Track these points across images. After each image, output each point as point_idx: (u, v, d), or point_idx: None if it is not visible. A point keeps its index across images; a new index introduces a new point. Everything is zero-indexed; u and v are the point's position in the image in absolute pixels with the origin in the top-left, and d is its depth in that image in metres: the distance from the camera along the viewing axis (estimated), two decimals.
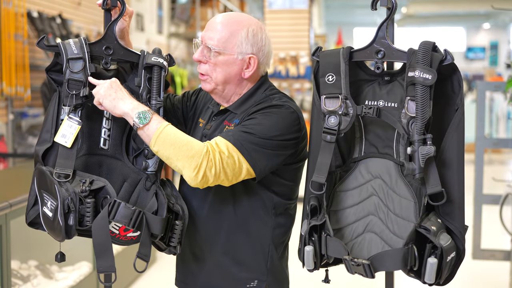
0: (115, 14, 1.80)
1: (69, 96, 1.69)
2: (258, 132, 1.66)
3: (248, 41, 1.73)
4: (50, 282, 3.36)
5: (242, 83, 1.78)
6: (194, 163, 1.59)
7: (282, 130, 1.68)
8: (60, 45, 1.71)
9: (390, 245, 1.71)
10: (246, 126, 1.67)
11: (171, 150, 1.60)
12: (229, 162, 1.62)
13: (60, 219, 1.59)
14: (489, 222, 4.52)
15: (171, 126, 1.64)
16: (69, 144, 1.68)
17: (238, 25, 1.74)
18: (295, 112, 1.73)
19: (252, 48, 1.74)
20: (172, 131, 1.62)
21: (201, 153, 1.59)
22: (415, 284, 2.08)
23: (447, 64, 1.60)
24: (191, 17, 9.67)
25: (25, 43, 4.74)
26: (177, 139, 1.61)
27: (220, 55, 1.73)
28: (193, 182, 1.60)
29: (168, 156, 1.61)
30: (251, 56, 1.74)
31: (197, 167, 1.59)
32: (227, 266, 1.80)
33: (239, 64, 1.74)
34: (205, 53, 1.74)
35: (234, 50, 1.73)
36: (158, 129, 1.61)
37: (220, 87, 1.77)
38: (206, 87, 1.79)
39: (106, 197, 1.65)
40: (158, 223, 1.64)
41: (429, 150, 1.57)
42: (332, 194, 1.77)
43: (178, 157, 1.60)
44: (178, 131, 1.63)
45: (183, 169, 1.60)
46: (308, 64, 6.91)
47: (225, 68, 1.74)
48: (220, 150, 1.61)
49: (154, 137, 1.61)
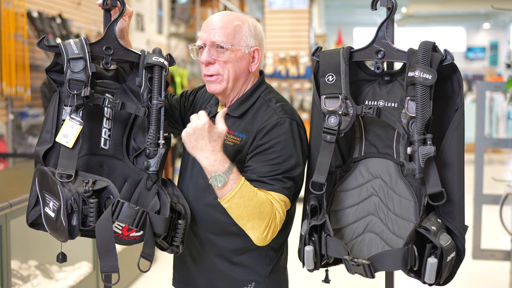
0: (115, 14, 1.80)
1: (70, 96, 1.69)
2: (285, 163, 1.68)
3: (251, 34, 1.76)
4: (50, 282, 3.36)
5: (248, 78, 1.79)
6: (264, 225, 1.64)
7: (298, 149, 1.71)
8: (61, 45, 1.70)
9: (390, 245, 1.71)
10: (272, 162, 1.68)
11: (243, 211, 1.62)
12: (284, 213, 1.69)
13: (63, 220, 1.59)
14: (489, 222, 4.52)
15: (246, 184, 1.63)
16: (70, 145, 1.68)
17: (238, 20, 1.76)
18: (296, 124, 1.73)
19: (255, 41, 1.77)
20: (246, 193, 1.62)
21: (271, 216, 1.64)
22: (415, 284, 2.08)
23: (447, 64, 1.60)
24: (191, 17, 9.68)
25: (25, 43, 4.74)
26: (250, 201, 1.61)
27: (229, 51, 1.73)
28: (261, 243, 1.67)
29: (238, 215, 1.63)
30: (255, 49, 1.77)
31: (267, 230, 1.64)
32: (225, 268, 1.80)
33: (246, 58, 1.76)
34: (212, 53, 1.74)
35: (241, 44, 1.74)
36: (233, 189, 1.61)
37: (231, 85, 1.77)
38: (216, 88, 1.77)
39: (109, 197, 1.64)
40: (161, 222, 1.64)
41: (429, 150, 1.57)
42: (332, 194, 1.77)
43: (249, 218, 1.63)
44: (251, 191, 1.63)
45: (252, 229, 1.64)
46: (308, 64, 6.91)
47: (235, 64, 1.75)
48: (282, 213, 1.67)
49: (228, 196, 1.61)
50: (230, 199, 1.61)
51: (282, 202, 1.67)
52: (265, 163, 1.68)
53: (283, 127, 1.71)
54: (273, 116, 1.72)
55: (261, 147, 1.70)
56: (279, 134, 1.70)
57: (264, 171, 1.67)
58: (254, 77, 1.81)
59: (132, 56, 1.79)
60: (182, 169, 1.88)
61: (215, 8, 9.67)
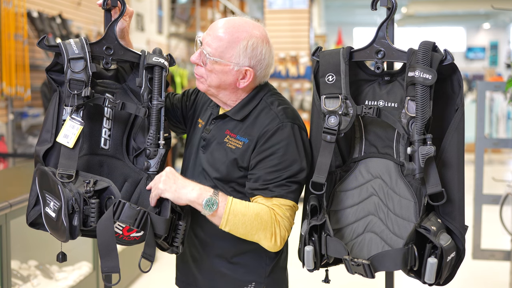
0: (115, 14, 1.80)
1: (71, 96, 1.69)
2: (288, 168, 1.68)
3: (246, 54, 1.70)
4: (50, 282, 3.36)
5: (238, 92, 1.76)
6: (268, 233, 1.65)
7: (300, 153, 1.70)
8: (61, 45, 1.70)
9: (390, 245, 1.71)
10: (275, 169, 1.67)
11: (243, 229, 1.64)
12: (292, 217, 1.70)
13: (64, 220, 1.59)
14: (489, 222, 4.52)
15: (235, 202, 1.65)
16: (71, 145, 1.68)
17: (239, 35, 1.70)
18: (297, 127, 1.73)
19: (249, 61, 1.71)
20: (238, 210, 1.63)
21: (271, 222, 1.65)
22: (415, 284, 2.08)
23: (447, 64, 1.60)
24: (191, 17, 9.67)
25: (25, 43, 4.75)
26: (245, 216, 1.63)
27: (216, 63, 1.71)
28: (274, 249, 1.68)
29: (242, 234, 1.66)
30: (247, 69, 1.72)
31: (273, 236, 1.65)
32: (225, 268, 1.80)
33: (234, 75, 1.72)
34: (202, 56, 1.73)
35: (231, 60, 1.70)
36: (225, 211, 1.63)
37: (214, 91, 1.76)
38: (200, 86, 1.78)
39: (111, 197, 1.64)
40: (162, 223, 1.64)
41: (429, 150, 1.57)
42: (332, 194, 1.77)
43: (252, 232, 1.65)
44: (242, 206, 1.65)
45: (260, 241, 1.67)
46: (308, 64, 6.91)
47: (220, 76, 1.72)
48: (288, 217, 1.68)
49: (223, 220, 1.63)
50: (227, 221, 1.63)
51: (286, 207, 1.67)
52: (268, 170, 1.68)
53: (284, 132, 1.70)
54: (274, 121, 1.72)
55: (264, 153, 1.69)
56: (281, 139, 1.69)
57: (268, 178, 1.67)
58: (245, 91, 1.77)
59: (132, 56, 1.79)
60: (183, 170, 1.88)
61: (215, 8, 9.67)
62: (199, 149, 1.81)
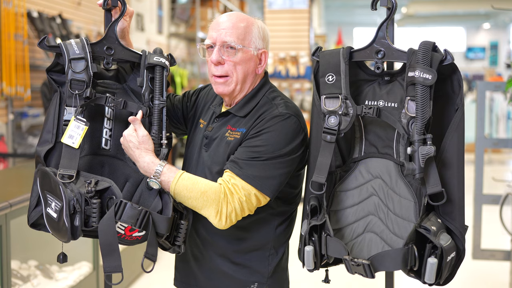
0: (116, 14, 1.81)
1: (73, 97, 1.69)
2: (267, 153, 1.67)
3: (260, 36, 1.78)
4: (50, 282, 3.36)
5: (255, 80, 1.80)
6: (214, 210, 1.65)
7: (287, 146, 1.70)
8: (62, 45, 1.70)
9: (390, 245, 1.71)
10: (254, 150, 1.68)
11: (190, 203, 1.66)
12: (248, 202, 1.67)
13: (66, 220, 1.59)
14: (489, 222, 4.52)
15: (183, 177, 1.67)
16: (76, 145, 1.68)
17: (248, 21, 1.77)
18: (297, 121, 1.73)
19: (263, 43, 1.79)
20: (184, 185, 1.66)
21: (219, 198, 1.64)
22: (415, 284, 2.09)
23: (447, 64, 1.61)
24: (191, 17, 9.67)
25: (25, 43, 4.75)
26: (191, 192, 1.65)
27: (240, 52, 1.73)
28: (220, 226, 1.67)
29: (192, 206, 1.68)
30: (263, 51, 1.78)
31: (219, 213, 1.65)
32: (227, 269, 1.80)
33: (254, 60, 1.77)
34: (222, 53, 1.74)
35: (250, 46, 1.76)
36: (171, 186, 1.66)
37: (239, 87, 1.77)
38: (225, 89, 1.77)
39: (112, 197, 1.64)
40: (164, 222, 1.64)
41: (429, 150, 1.57)
42: (332, 194, 1.77)
43: (198, 207, 1.66)
44: (190, 182, 1.66)
45: (208, 217, 1.67)
46: (308, 64, 6.91)
47: (245, 65, 1.75)
48: (239, 196, 1.65)
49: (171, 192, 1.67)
50: (174, 194, 1.66)
51: (245, 191, 1.66)
52: (246, 149, 1.69)
53: (278, 119, 1.71)
54: (273, 110, 1.74)
55: (251, 134, 1.71)
56: (272, 125, 1.70)
57: (243, 155, 1.68)
58: (259, 78, 1.83)
59: (133, 56, 1.79)
60: (184, 169, 1.88)
61: (215, 8, 9.67)
62: (202, 147, 1.82)
